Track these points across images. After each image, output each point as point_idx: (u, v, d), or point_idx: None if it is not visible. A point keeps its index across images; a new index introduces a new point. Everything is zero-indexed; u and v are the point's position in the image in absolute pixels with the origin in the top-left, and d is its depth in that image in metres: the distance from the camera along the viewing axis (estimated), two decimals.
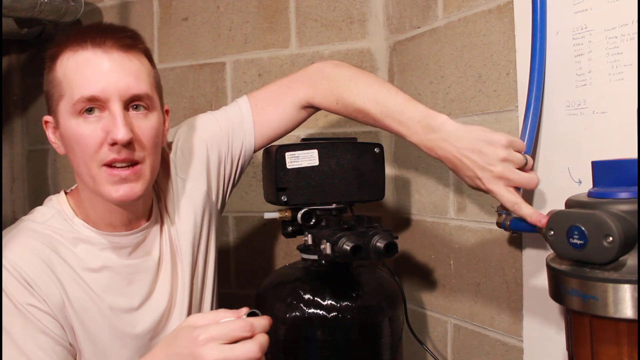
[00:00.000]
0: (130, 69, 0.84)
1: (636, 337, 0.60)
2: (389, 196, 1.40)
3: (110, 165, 0.82)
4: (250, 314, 0.73)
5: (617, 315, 0.60)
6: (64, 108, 0.83)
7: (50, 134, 0.91)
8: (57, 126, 0.87)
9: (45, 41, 1.72)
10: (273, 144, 1.09)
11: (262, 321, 0.72)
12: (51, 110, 0.88)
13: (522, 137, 0.93)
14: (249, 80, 1.50)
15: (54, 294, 0.83)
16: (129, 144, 0.82)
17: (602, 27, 0.84)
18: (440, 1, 1.19)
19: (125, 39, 0.85)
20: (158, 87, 0.91)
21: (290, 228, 1.06)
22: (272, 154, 1.02)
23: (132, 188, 0.84)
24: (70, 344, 0.85)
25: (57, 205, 0.91)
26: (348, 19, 1.42)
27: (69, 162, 1.74)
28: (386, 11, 1.39)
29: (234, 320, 0.71)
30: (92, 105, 0.82)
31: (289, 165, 1.01)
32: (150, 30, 1.59)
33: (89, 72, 0.82)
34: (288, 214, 1.05)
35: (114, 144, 0.81)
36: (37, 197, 0.93)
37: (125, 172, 0.83)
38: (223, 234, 1.54)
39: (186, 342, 0.70)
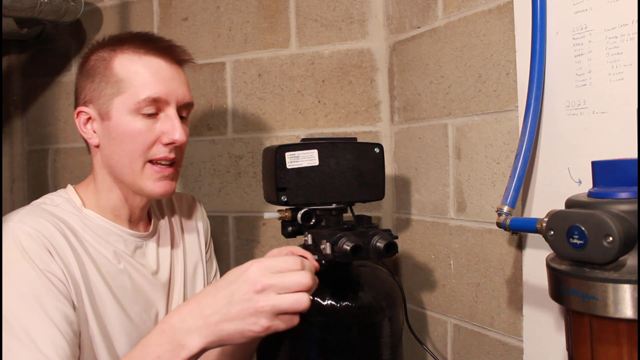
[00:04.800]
0: (184, 80, 0.96)
1: (636, 337, 0.60)
2: (389, 196, 1.40)
3: (153, 162, 0.91)
4: None
5: (617, 315, 0.60)
6: (121, 104, 0.90)
7: (81, 124, 0.95)
8: (102, 119, 0.92)
9: (45, 41, 1.72)
10: (273, 144, 1.09)
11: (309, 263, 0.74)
12: (90, 102, 0.93)
13: (522, 137, 0.93)
14: (249, 80, 1.50)
15: (72, 264, 0.85)
16: (177, 146, 0.92)
17: (602, 27, 0.84)
18: (440, 1, 1.19)
19: (183, 54, 0.96)
20: None
21: (290, 228, 1.06)
22: (272, 154, 1.02)
23: (170, 185, 0.94)
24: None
25: (65, 195, 0.95)
26: (348, 19, 1.42)
27: (68, 162, 1.74)
28: (386, 11, 1.39)
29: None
30: (153, 106, 0.90)
31: (289, 165, 1.01)
32: (150, 30, 1.59)
33: (156, 76, 0.91)
34: (288, 214, 1.05)
35: (170, 143, 0.90)
36: (37, 197, 0.94)
37: (167, 170, 0.93)
38: (223, 234, 1.54)
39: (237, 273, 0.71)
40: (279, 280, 0.67)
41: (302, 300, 0.68)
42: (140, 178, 0.91)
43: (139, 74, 0.90)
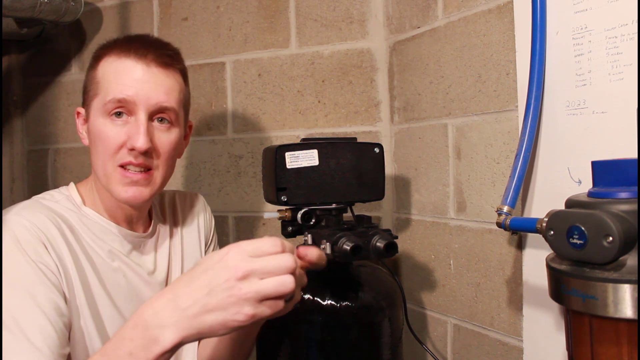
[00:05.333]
0: (163, 83, 0.91)
1: (636, 337, 0.60)
2: (389, 196, 1.40)
3: (124, 166, 0.88)
4: None
5: (617, 315, 0.60)
6: (95, 105, 0.90)
7: (79, 125, 0.97)
8: (86, 120, 0.94)
9: (45, 41, 1.72)
10: (273, 144, 1.09)
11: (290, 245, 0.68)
12: (85, 104, 0.95)
13: (522, 137, 0.93)
14: (249, 80, 1.50)
15: (66, 258, 0.85)
16: (146, 152, 0.88)
17: (602, 27, 0.84)
18: (440, 1, 1.19)
19: (166, 56, 0.92)
20: (186, 105, 0.98)
21: (290, 228, 1.06)
22: (272, 154, 1.02)
23: (140, 191, 0.90)
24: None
25: (65, 192, 0.95)
26: (348, 19, 1.42)
27: (68, 162, 1.75)
28: (386, 11, 1.39)
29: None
30: (121, 108, 0.88)
31: (289, 165, 1.01)
32: (150, 30, 1.59)
33: (126, 78, 0.88)
34: (288, 214, 1.05)
35: (132, 149, 0.87)
36: (33, 196, 0.96)
37: (137, 176, 0.89)
38: (223, 234, 1.54)
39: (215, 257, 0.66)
40: (260, 265, 0.63)
41: (287, 282, 0.63)
42: (110, 181, 0.89)
43: (111, 76, 0.89)
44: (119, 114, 0.88)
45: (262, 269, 0.63)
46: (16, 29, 1.55)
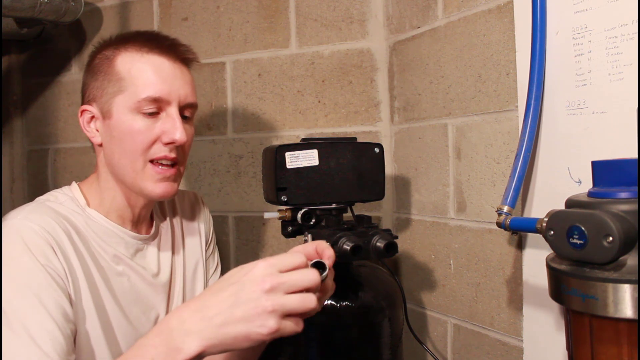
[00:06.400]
0: (188, 79, 0.95)
1: (636, 337, 0.60)
2: (389, 196, 1.40)
3: (154, 162, 0.89)
4: (315, 264, 0.70)
5: (617, 315, 0.60)
6: (122, 103, 0.89)
7: (85, 123, 0.95)
8: (104, 117, 0.92)
9: (45, 41, 1.72)
10: (273, 144, 1.09)
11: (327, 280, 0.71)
12: (94, 100, 0.93)
13: (522, 137, 0.93)
14: (249, 80, 1.50)
15: (74, 262, 0.85)
16: (178, 146, 0.90)
17: (602, 27, 0.84)
18: (440, 1, 1.19)
19: (187, 52, 0.95)
20: None
21: (290, 228, 1.06)
22: (272, 154, 1.02)
23: (171, 186, 0.92)
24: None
25: (69, 193, 0.95)
26: (348, 18, 1.42)
27: (68, 162, 1.74)
28: (386, 11, 1.39)
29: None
30: (154, 105, 0.89)
31: (289, 165, 1.01)
32: (150, 30, 1.59)
33: (157, 75, 0.90)
34: (288, 214, 1.05)
35: (170, 143, 0.89)
36: (36, 197, 0.96)
37: (169, 172, 0.91)
38: (223, 234, 1.54)
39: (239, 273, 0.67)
40: (286, 278, 0.64)
41: (310, 300, 0.65)
42: (140, 178, 0.90)
43: (140, 73, 0.89)
44: (150, 113, 0.89)
45: (288, 281, 0.64)
46: (16, 29, 1.55)
